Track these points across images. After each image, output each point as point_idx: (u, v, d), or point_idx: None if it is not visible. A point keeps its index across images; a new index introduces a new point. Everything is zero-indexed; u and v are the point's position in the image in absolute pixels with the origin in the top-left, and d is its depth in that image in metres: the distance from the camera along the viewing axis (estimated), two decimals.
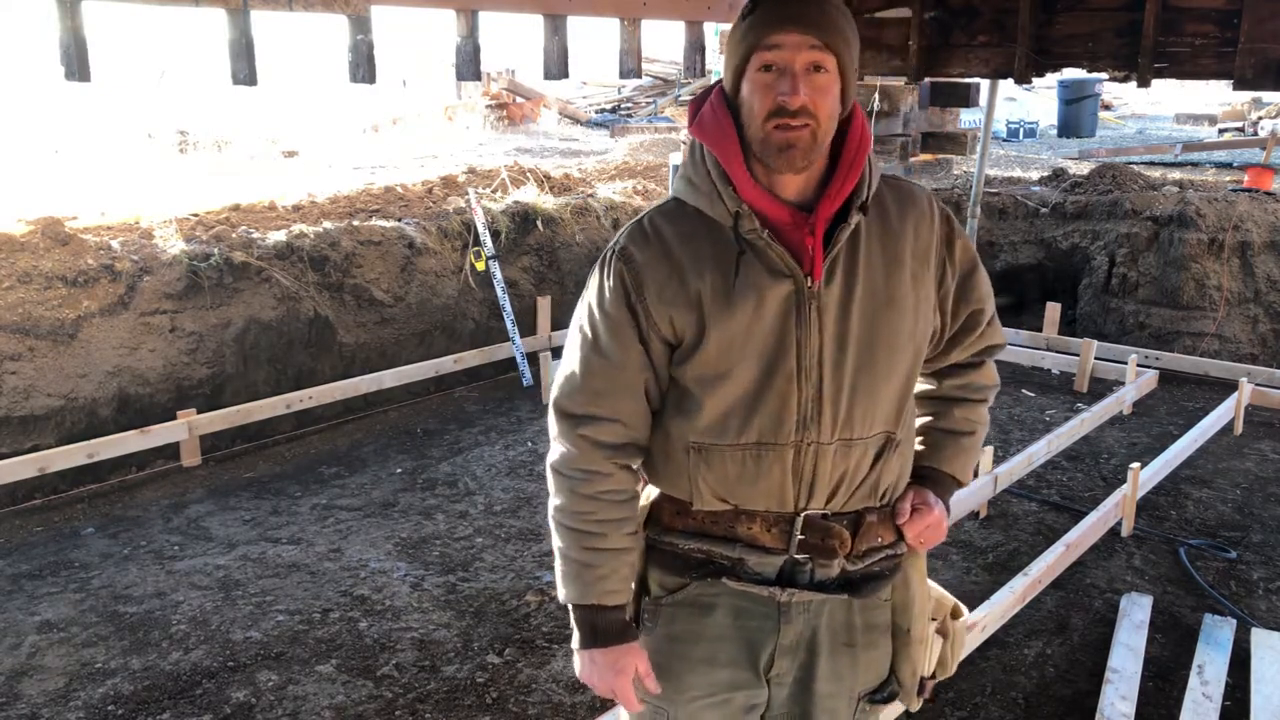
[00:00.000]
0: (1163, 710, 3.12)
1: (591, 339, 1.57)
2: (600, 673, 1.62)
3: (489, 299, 6.47)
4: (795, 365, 1.51)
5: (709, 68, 8.73)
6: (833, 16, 1.47)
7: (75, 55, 3.00)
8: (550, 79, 4.34)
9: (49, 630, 3.57)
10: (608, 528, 1.59)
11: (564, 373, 1.61)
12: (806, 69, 1.45)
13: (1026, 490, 4.74)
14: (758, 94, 1.47)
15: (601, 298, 1.56)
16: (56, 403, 4.71)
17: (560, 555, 1.62)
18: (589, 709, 3.12)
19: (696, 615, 1.63)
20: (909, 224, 1.58)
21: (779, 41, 1.44)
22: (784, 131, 1.45)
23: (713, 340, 1.50)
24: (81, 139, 10.69)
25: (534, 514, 4.52)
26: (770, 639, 1.62)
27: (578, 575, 1.60)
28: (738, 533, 1.59)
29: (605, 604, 1.60)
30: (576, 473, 1.58)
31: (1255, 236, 6.60)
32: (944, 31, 5.03)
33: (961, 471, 1.74)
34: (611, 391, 1.56)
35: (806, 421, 1.52)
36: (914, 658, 1.71)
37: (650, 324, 1.53)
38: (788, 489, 1.55)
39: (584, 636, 1.62)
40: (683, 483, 1.59)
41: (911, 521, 1.64)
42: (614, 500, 1.59)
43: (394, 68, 16.42)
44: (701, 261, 1.51)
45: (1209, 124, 15.90)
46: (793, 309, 1.50)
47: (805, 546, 1.58)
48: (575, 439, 1.57)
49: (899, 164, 6.56)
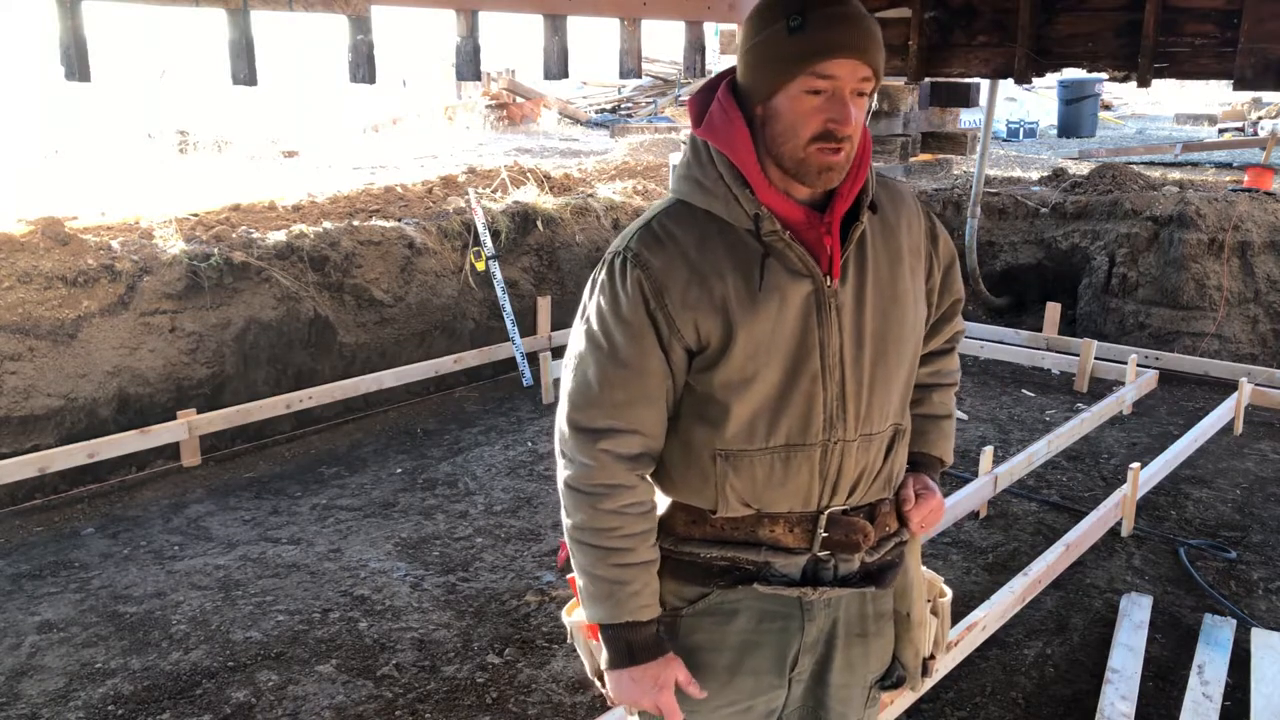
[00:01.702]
0: (1163, 710, 3.12)
1: (608, 349, 1.52)
2: (643, 690, 1.56)
3: (489, 299, 6.47)
4: (819, 365, 1.51)
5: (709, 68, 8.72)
6: (878, 39, 1.45)
7: (75, 55, 3.00)
8: (550, 79, 4.34)
9: (49, 630, 3.57)
10: (635, 541, 1.55)
11: (576, 387, 1.55)
12: (853, 94, 1.44)
13: (1026, 490, 4.74)
14: (804, 116, 1.44)
15: (617, 305, 1.51)
16: (56, 403, 4.72)
17: (585, 574, 1.57)
18: (589, 709, 3.12)
19: (718, 624, 1.61)
20: (903, 221, 1.61)
21: (836, 72, 1.42)
22: (826, 155, 1.44)
23: (740, 344, 1.49)
24: (81, 139, 10.69)
25: (534, 514, 4.52)
26: (795, 639, 1.62)
27: (609, 594, 1.55)
28: (760, 536, 1.58)
29: (640, 620, 1.56)
30: (598, 488, 1.53)
31: (1255, 236, 6.60)
32: (944, 31, 5.03)
33: (946, 453, 1.80)
34: (632, 402, 1.52)
35: (833, 420, 1.53)
36: (915, 640, 1.74)
37: (673, 330, 1.50)
38: (814, 488, 1.55)
39: (618, 656, 1.57)
40: (707, 491, 1.57)
41: (916, 507, 1.67)
42: (638, 513, 1.55)
43: (394, 68, 16.45)
44: (721, 264, 1.49)
45: (1209, 124, 15.91)
46: (813, 309, 1.50)
47: (828, 543, 1.58)
48: (595, 454, 1.52)
49: (899, 164, 6.55)
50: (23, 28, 12.52)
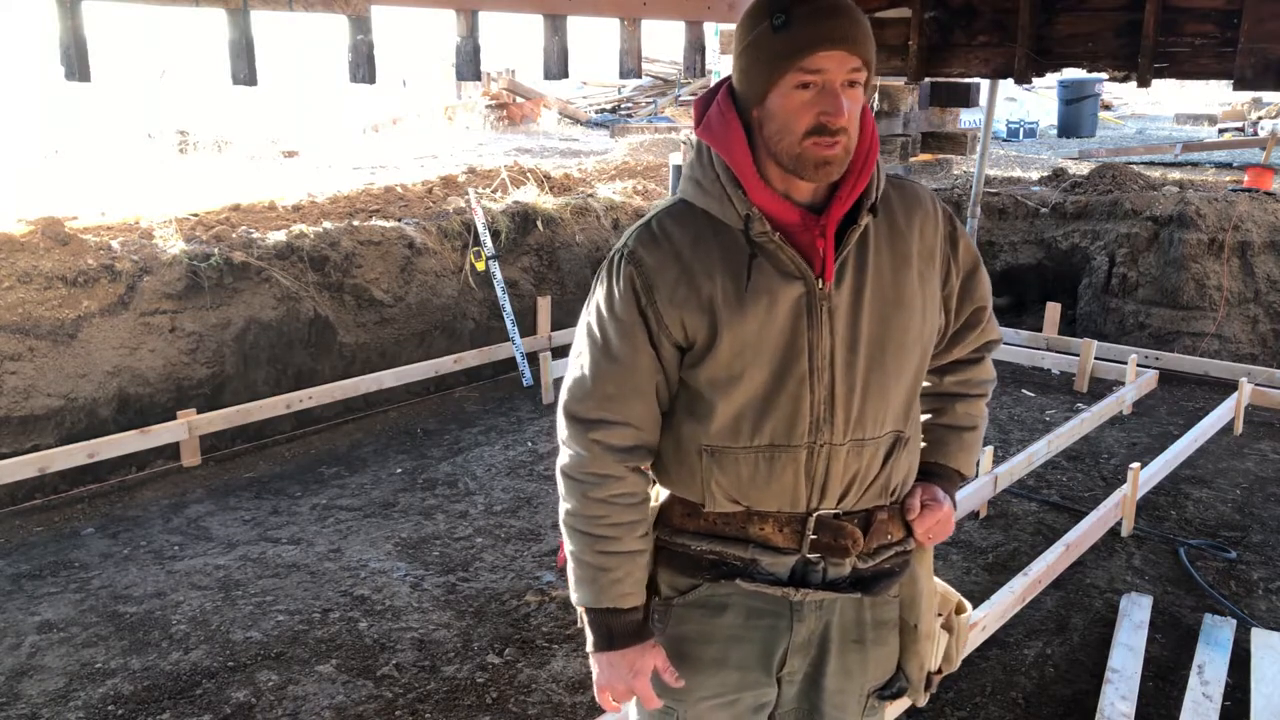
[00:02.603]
0: (1163, 710, 3.12)
1: (602, 343, 1.56)
2: (619, 674, 1.61)
3: (489, 299, 6.47)
4: (807, 367, 1.51)
5: (709, 68, 8.72)
6: (865, 29, 1.46)
7: (75, 55, 2.99)
8: (550, 79, 4.33)
9: (49, 630, 3.57)
10: (621, 531, 1.58)
11: (573, 377, 1.60)
12: (844, 85, 1.45)
13: (1026, 490, 4.74)
14: (795, 112, 1.45)
15: (611, 301, 1.55)
16: (56, 403, 4.72)
17: (573, 559, 1.62)
18: (589, 709, 3.12)
19: (708, 616, 1.63)
20: (915, 224, 1.59)
21: (823, 65, 1.42)
22: (821, 149, 1.45)
23: (725, 343, 1.50)
24: (81, 139, 10.68)
25: (534, 514, 4.52)
26: (783, 638, 1.62)
27: (592, 579, 1.60)
28: (749, 533, 1.59)
29: (621, 607, 1.60)
30: (588, 477, 1.57)
31: (1255, 236, 6.60)
32: (944, 31, 5.03)
33: (965, 466, 1.76)
34: (622, 395, 1.56)
35: (819, 423, 1.53)
36: (921, 653, 1.72)
37: (661, 327, 1.53)
38: (800, 490, 1.56)
39: (599, 640, 1.62)
40: (695, 485, 1.59)
41: (921, 517, 1.65)
42: (626, 503, 1.59)
43: (394, 68, 16.44)
44: (712, 264, 1.51)
45: (1209, 124, 15.91)
46: (804, 311, 1.50)
47: (817, 546, 1.58)
48: (587, 443, 1.57)
49: (899, 164, 6.55)
50: (23, 28, 12.52)
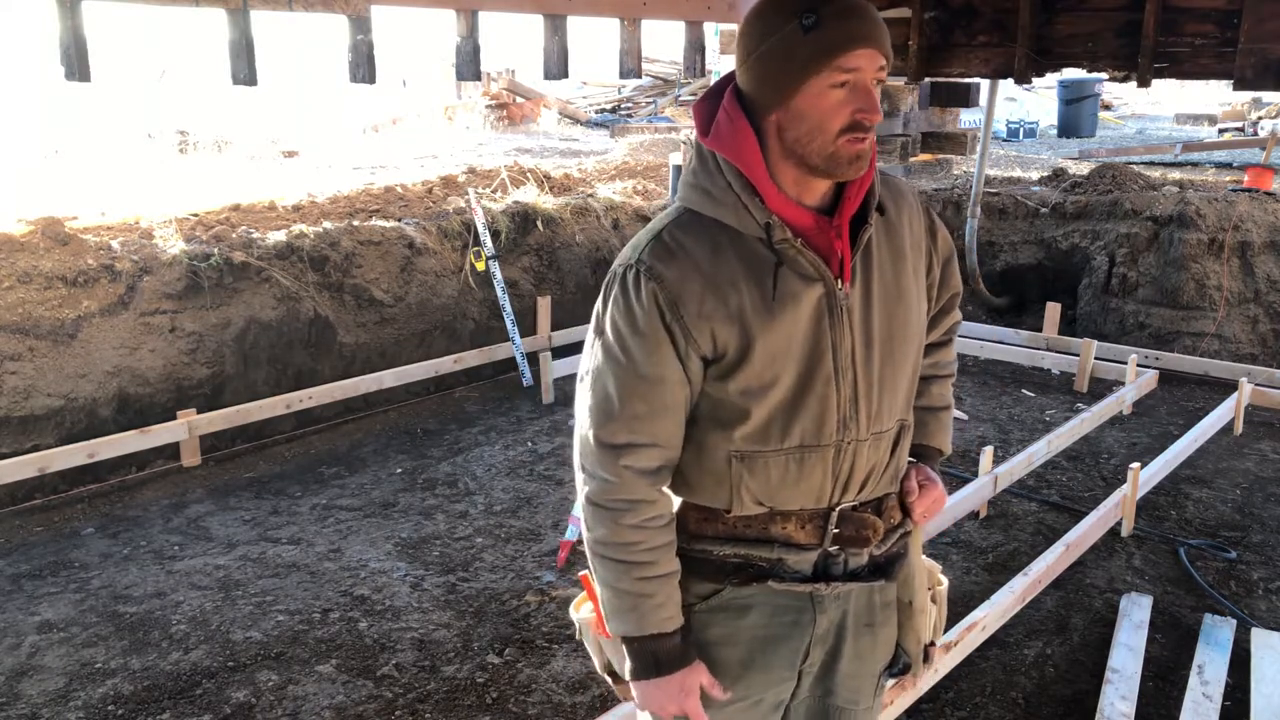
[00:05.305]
0: (1163, 710, 3.12)
1: (626, 362, 1.52)
2: (670, 697, 1.59)
3: (489, 299, 6.46)
4: (832, 367, 1.53)
5: (709, 68, 8.73)
6: (885, 27, 1.49)
7: (75, 55, 3.00)
8: (550, 79, 4.34)
9: (49, 630, 3.57)
10: (657, 554, 1.56)
11: (597, 402, 1.55)
12: (873, 83, 1.48)
13: (1026, 490, 4.74)
14: (830, 111, 1.46)
15: (632, 318, 1.51)
16: (56, 403, 4.72)
17: (608, 588, 1.59)
18: (589, 709, 3.12)
19: (731, 619, 1.63)
20: (905, 219, 1.63)
21: (858, 63, 1.44)
22: (855, 145, 1.47)
23: (758, 352, 1.50)
24: (81, 139, 10.68)
25: (534, 514, 4.52)
26: (806, 632, 1.64)
27: (633, 608, 1.56)
28: (772, 533, 1.59)
29: (665, 631, 1.57)
30: (620, 504, 1.54)
31: (1255, 236, 6.60)
32: (944, 31, 5.03)
33: (945, 444, 1.84)
34: (652, 414, 1.53)
35: (845, 421, 1.55)
36: (918, 627, 1.77)
37: (690, 341, 1.51)
38: (826, 487, 1.58)
39: (643, 668, 1.59)
40: (722, 493, 1.58)
41: (920, 498, 1.70)
42: (659, 526, 1.57)
43: (394, 68, 16.44)
44: (735, 274, 1.50)
45: (1209, 124, 15.91)
46: (825, 312, 1.52)
47: (839, 539, 1.61)
48: (617, 470, 1.53)
49: (899, 164, 6.56)
50: (23, 28, 12.52)
